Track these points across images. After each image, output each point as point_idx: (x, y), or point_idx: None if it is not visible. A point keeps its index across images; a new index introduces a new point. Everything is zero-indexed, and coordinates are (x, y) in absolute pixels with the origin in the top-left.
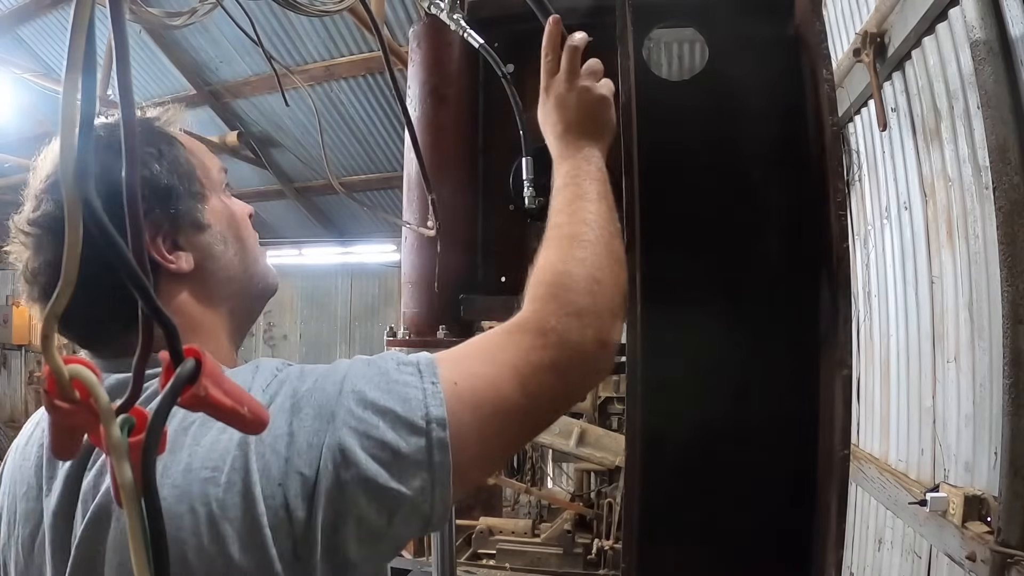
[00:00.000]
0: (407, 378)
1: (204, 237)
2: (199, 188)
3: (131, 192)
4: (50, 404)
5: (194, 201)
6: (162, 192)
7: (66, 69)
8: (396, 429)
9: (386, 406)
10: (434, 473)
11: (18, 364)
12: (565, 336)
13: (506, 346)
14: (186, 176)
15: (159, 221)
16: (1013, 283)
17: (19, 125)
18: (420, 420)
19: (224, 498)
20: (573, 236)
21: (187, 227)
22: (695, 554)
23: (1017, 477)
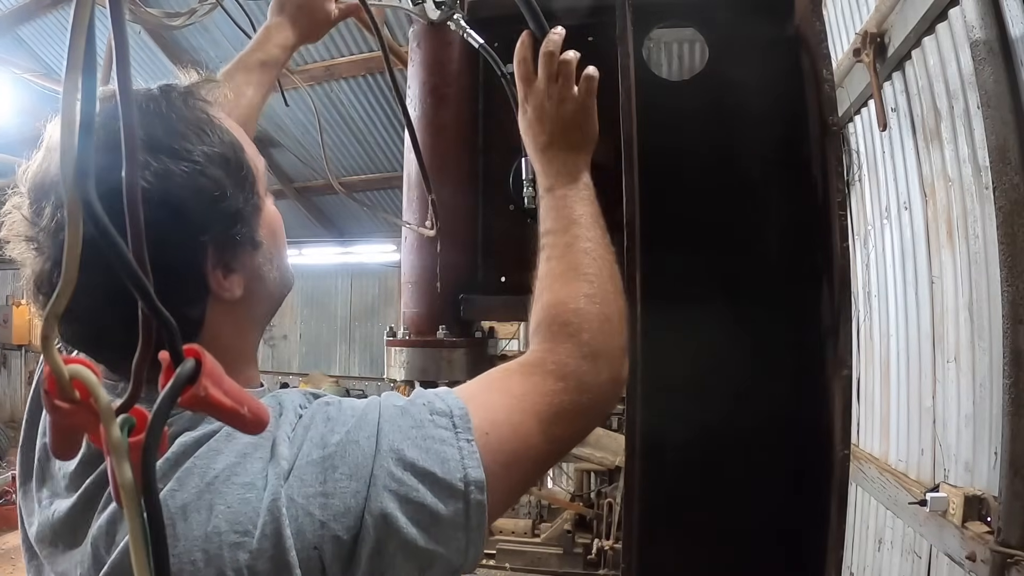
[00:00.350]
0: (443, 433)
1: (256, 257)
2: (257, 199)
3: (131, 192)
4: (50, 404)
5: (254, 216)
6: (230, 215)
7: (66, 69)
8: (436, 492)
9: (425, 468)
10: (470, 534)
11: (18, 364)
12: (584, 380)
13: (528, 391)
14: (251, 189)
15: (222, 248)
16: (1013, 283)
17: (19, 125)
18: (459, 483)
19: (255, 564)
20: (577, 270)
21: (244, 248)
22: (695, 554)
23: (1017, 477)
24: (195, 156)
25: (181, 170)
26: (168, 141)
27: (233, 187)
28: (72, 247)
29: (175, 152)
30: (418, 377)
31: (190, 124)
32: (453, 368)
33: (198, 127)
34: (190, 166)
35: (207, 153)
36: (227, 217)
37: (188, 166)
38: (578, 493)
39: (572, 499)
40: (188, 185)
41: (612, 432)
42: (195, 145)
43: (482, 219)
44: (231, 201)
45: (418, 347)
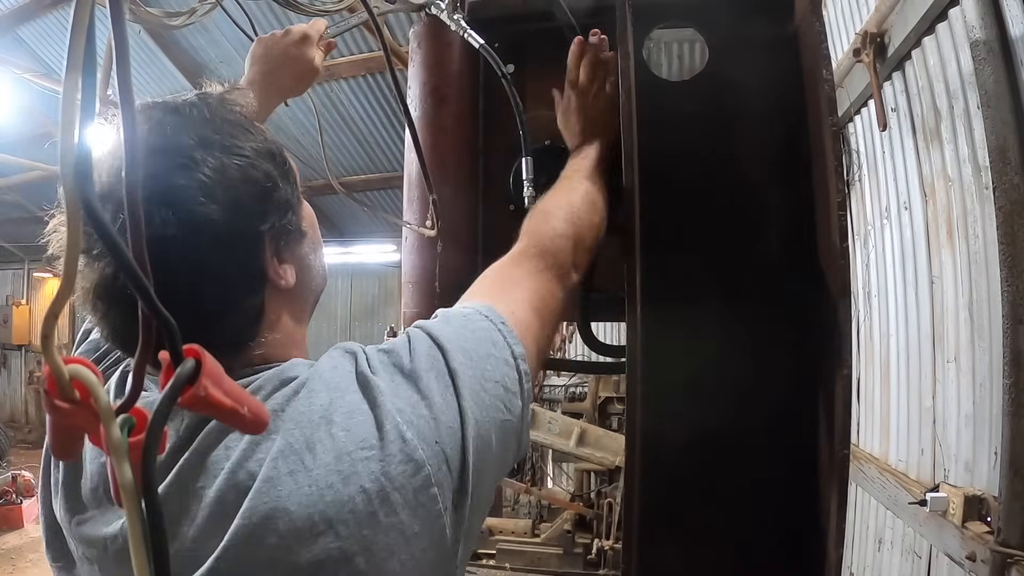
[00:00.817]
0: (482, 323)
1: (303, 246)
2: (298, 192)
3: (131, 191)
4: (50, 404)
5: (298, 207)
6: (282, 205)
7: (66, 69)
8: (499, 368)
9: (485, 351)
10: (524, 398)
11: (18, 364)
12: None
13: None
14: (293, 180)
15: (278, 238)
16: (1013, 283)
17: (19, 125)
18: (510, 357)
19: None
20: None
21: (294, 237)
22: (695, 554)
23: (1017, 477)
24: (245, 151)
25: (235, 164)
26: (218, 139)
27: (281, 179)
28: (72, 247)
29: (226, 148)
30: None
31: (233, 124)
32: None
33: (241, 126)
34: (242, 160)
35: (255, 148)
36: (280, 207)
37: (240, 160)
38: (578, 493)
39: (572, 499)
40: (242, 178)
41: (612, 432)
42: (243, 141)
43: (482, 219)
44: (282, 191)
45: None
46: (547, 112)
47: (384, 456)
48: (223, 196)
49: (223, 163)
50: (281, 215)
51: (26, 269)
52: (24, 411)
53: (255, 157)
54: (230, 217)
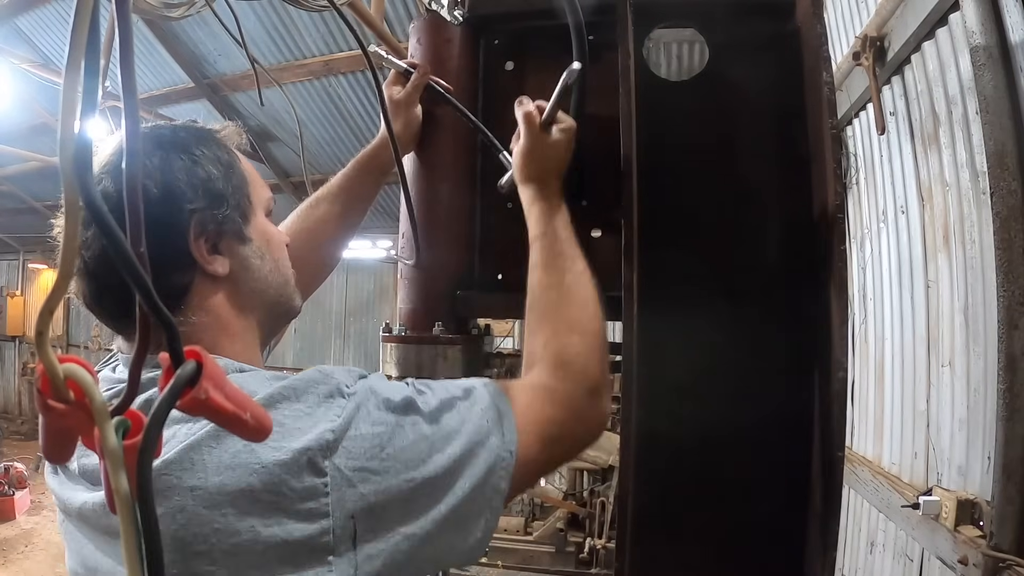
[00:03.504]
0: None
1: (244, 249)
2: (247, 204)
3: (131, 188)
4: (43, 404)
5: (241, 213)
6: (214, 195)
7: (67, 60)
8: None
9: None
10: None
11: (12, 355)
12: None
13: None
14: (238, 188)
15: (205, 222)
16: (1008, 288)
17: (16, 116)
18: None
19: None
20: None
21: (230, 235)
22: (688, 554)
23: (1010, 482)
24: (194, 153)
25: (179, 158)
26: (174, 140)
27: (222, 179)
28: (70, 240)
29: (176, 147)
30: (413, 374)
31: (196, 137)
32: (448, 365)
33: (202, 139)
34: (187, 157)
35: (204, 153)
36: (211, 196)
37: (186, 156)
38: (571, 492)
39: (565, 498)
40: (181, 168)
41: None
42: (195, 148)
43: (479, 217)
44: (216, 184)
45: (414, 343)
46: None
47: None
48: (159, 177)
49: (169, 156)
50: (212, 204)
51: (21, 260)
52: (17, 403)
53: (200, 158)
54: (161, 192)
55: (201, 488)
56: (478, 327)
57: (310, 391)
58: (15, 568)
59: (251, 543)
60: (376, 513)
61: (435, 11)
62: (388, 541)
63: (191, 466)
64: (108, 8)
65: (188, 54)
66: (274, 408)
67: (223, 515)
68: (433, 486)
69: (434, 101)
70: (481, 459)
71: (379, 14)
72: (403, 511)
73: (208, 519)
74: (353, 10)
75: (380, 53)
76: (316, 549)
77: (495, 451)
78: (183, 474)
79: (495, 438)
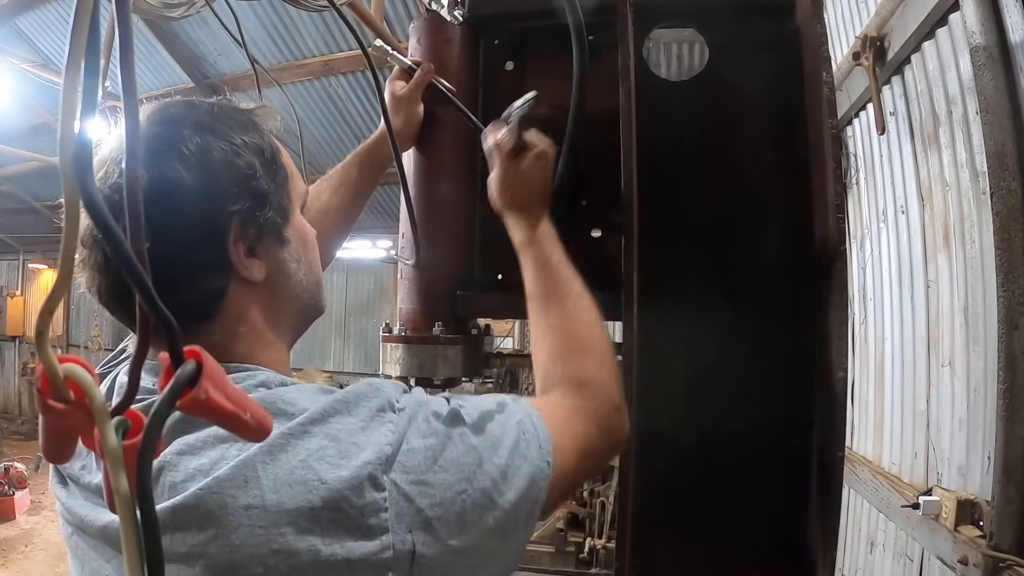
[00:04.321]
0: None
1: (282, 252)
2: (287, 202)
3: (131, 187)
4: (43, 404)
5: (282, 213)
6: (258, 195)
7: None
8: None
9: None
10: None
11: (12, 355)
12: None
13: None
14: (281, 186)
15: (247, 224)
16: (1009, 288)
17: (16, 116)
18: None
19: None
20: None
21: (269, 237)
22: (688, 554)
23: (1010, 482)
24: (235, 141)
25: (219, 146)
26: (212, 124)
27: (265, 175)
28: (69, 239)
29: (216, 133)
30: (413, 373)
31: (234, 120)
32: (449, 365)
33: (241, 124)
34: (228, 146)
35: (246, 142)
36: (255, 196)
37: (226, 145)
38: None
39: None
40: (223, 160)
41: None
42: (236, 134)
43: (480, 217)
44: (260, 183)
45: (414, 343)
46: (547, 111)
47: None
48: (198, 169)
49: (208, 143)
50: (255, 205)
51: (21, 260)
52: (17, 403)
53: (242, 147)
54: (200, 187)
55: (257, 507)
56: (478, 327)
57: (362, 404)
58: (15, 568)
59: (312, 564)
60: (432, 527)
61: (435, 11)
62: (444, 554)
63: (244, 483)
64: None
65: (188, 54)
66: (326, 423)
67: (281, 535)
68: (484, 497)
69: (436, 100)
70: (524, 470)
71: (379, 14)
72: (457, 524)
73: (265, 539)
74: (353, 10)
75: (385, 48)
76: (376, 566)
77: (535, 462)
78: (236, 492)
79: (533, 450)
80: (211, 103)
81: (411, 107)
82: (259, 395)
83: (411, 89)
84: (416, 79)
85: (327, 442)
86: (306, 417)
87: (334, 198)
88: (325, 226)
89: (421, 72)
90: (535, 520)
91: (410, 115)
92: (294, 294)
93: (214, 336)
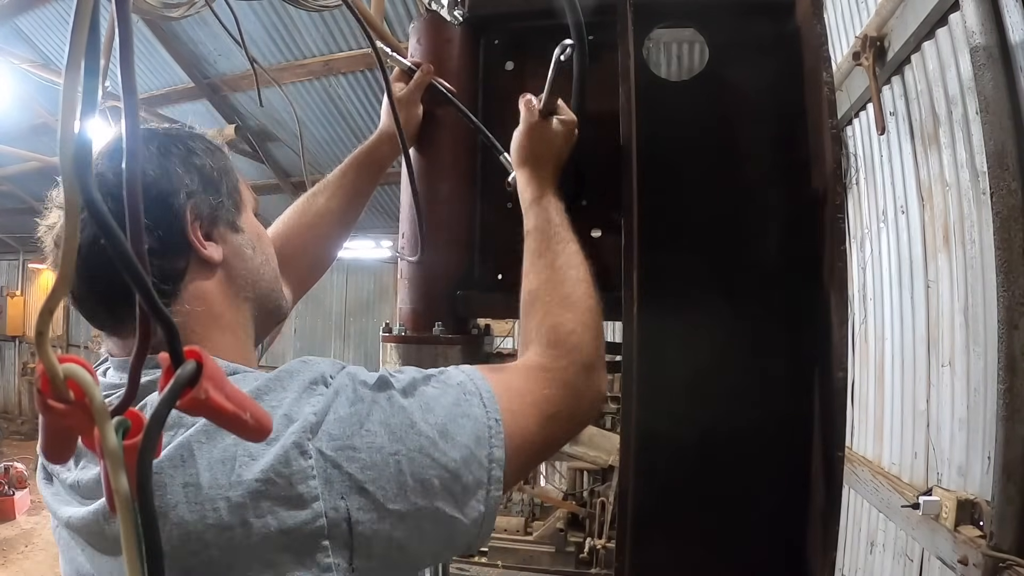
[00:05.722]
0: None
1: (237, 238)
2: (238, 196)
3: (131, 187)
4: (43, 404)
5: (234, 203)
6: (209, 181)
7: (67, 60)
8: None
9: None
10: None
11: (12, 355)
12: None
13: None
14: (231, 180)
15: (201, 207)
16: (1009, 288)
17: (16, 116)
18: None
19: None
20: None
21: (223, 223)
22: (688, 554)
23: (1010, 482)
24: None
25: (177, 147)
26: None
27: (217, 169)
28: (70, 239)
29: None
30: None
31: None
32: (448, 365)
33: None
34: (184, 146)
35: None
36: (207, 182)
37: (182, 146)
38: (571, 492)
39: (565, 498)
40: (178, 156)
41: (605, 431)
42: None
43: (480, 217)
44: (211, 172)
45: (414, 343)
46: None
47: None
48: (158, 161)
49: (169, 145)
50: (207, 191)
51: (21, 260)
52: (17, 403)
53: (197, 149)
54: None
55: (192, 484)
56: (478, 327)
57: (295, 378)
58: (15, 568)
59: (245, 536)
60: (367, 491)
61: (435, 11)
62: (384, 521)
63: (181, 463)
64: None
65: (188, 54)
66: (261, 400)
67: (215, 510)
68: (423, 456)
69: (436, 101)
70: (467, 428)
71: (379, 14)
72: (394, 487)
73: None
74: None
75: (385, 50)
76: (312, 536)
77: (480, 420)
78: (174, 471)
79: (476, 408)
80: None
81: (410, 108)
82: None
83: (411, 90)
84: (416, 80)
85: None
86: None
87: (332, 201)
88: (323, 228)
89: (421, 73)
90: (498, 485)
91: (409, 116)
92: (252, 279)
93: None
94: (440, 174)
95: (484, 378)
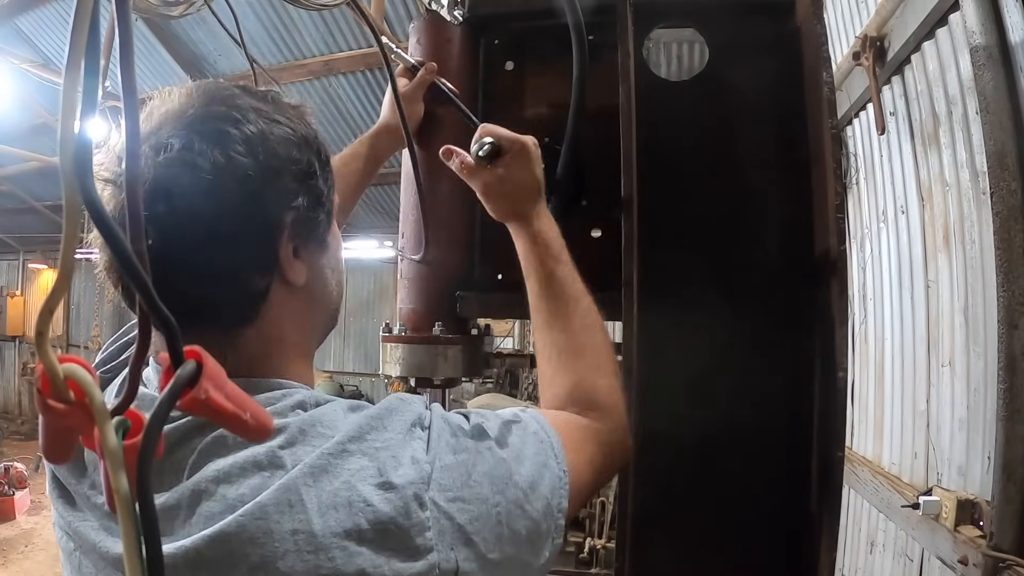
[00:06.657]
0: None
1: (322, 259)
2: (332, 208)
3: (131, 187)
4: (43, 404)
5: (328, 217)
6: (316, 195)
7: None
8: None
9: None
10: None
11: (12, 355)
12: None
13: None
14: (332, 189)
15: (300, 224)
16: (1009, 288)
17: (16, 116)
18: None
19: None
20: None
21: (314, 241)
22: (688, 554)
23: (1010, 482)
24: (296, 131)
25: (281, 134)
26: (270, 112)
27: (320, 175)
28: (69, 239)
29: (276, 121)
30: (413, 374)
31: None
32: (449, 365)
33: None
34: (289, 134)
35: (304, 135)
36: (312, 195)
37: (287, 133)
38: None
39: None
40: (284, 149)
41: None
42: (295, 125)
43: (479, 217)
44: (317, 182)
45: (414, 343)
46: (547, 111)
47: None
48: (263, 156)
49: (271, 129)
50: (310, 206)
51: (21, 260)
52: (17, 403)
53: (300, 141)
54: (262, 179)
55: (304, 532)
56: (478, 327)
57: (395, 418)
58: (15, 568)
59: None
60: (473, 542)
61: (435, 11)
62: (484, 571)
63: (289, 508)
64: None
65: (188, 54)
66: (363, 440)
67: (331, 559)
68: (517, 508)
69: (437, 100)
70: (546, 480)
71: (379, 14)
72: (494, 537)
73: (314, 564)
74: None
75: (390, 46)
76: None
77: (554, 472)
78: (281, 517)
79: (552, 460)
80: (265, 91)
81: (412, 105)
82: (297, 418)
83: (414, 87)
84: (419, 78)
85: (367, 461)
86: (344, 436)
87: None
88: None
89: (424, 72)
90: (562, 531)
91: (411, 113)
92: (325, 304)
93: (251, 343)
94: (440, 174)
95: (553, 430)
